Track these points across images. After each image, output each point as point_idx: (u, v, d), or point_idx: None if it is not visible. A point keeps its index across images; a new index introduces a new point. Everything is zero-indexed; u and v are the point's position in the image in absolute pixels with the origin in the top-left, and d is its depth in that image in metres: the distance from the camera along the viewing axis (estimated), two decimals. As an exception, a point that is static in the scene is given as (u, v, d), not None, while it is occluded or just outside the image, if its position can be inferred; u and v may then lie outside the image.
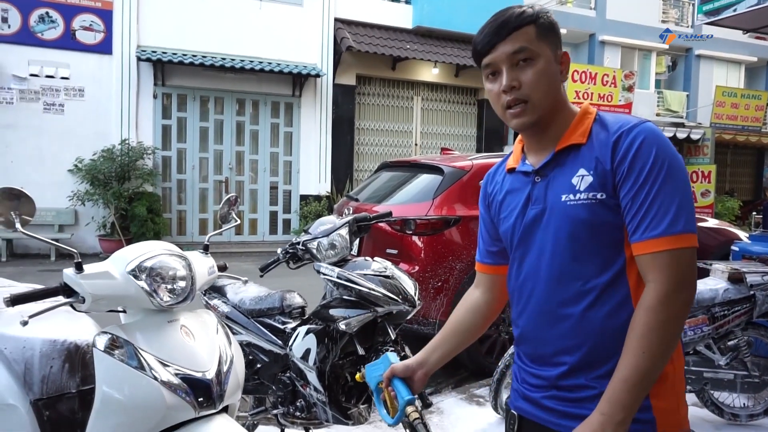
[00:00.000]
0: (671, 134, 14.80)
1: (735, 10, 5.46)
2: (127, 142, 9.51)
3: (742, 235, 5.16)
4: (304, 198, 11.14)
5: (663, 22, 16.11)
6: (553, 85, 1.16)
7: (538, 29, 1.15)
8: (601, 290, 1.12)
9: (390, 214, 2.68)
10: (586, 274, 1.13)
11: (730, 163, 17.92)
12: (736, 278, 3.05)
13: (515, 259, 1.26)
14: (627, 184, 1.07)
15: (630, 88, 14.52)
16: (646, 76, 16.54)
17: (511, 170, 1.29)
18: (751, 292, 2.99)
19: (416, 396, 1.31)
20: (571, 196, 1.13)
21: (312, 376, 2.32)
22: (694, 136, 13.92)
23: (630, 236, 1.08)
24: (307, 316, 2.49)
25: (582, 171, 1.13)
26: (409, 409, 1.24)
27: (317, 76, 10.79)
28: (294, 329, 2.44)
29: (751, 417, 3.21)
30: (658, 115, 16.12)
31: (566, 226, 1.14)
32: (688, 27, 16.43)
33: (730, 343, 3.04)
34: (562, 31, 14.47)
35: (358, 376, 1.55)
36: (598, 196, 1.10)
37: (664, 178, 1.05)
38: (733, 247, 4.36)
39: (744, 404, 3.26)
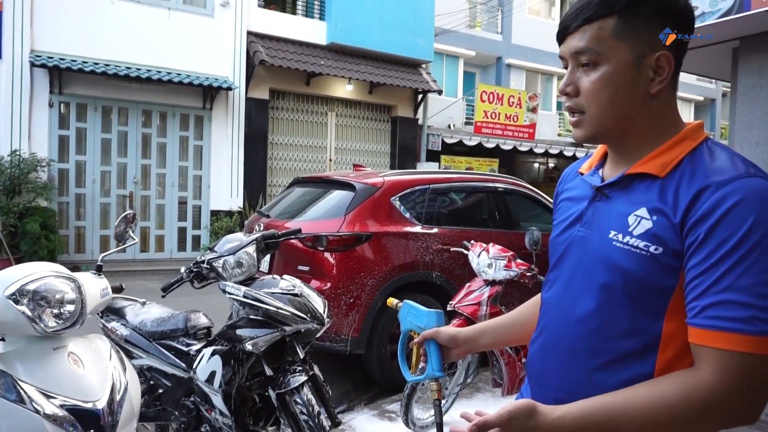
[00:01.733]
0: (571, 154, 15.79)
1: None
2: (17, 153, 8.82)
3: None
4: (215, 213, 10.79)
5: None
6: (622, 97, 0.92)
7: (622, 23, 0.89)
8: (619, 357, 0.91)
9: (299, 231, 2.66)
10: (607, 332, 0.92)
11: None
12: None
13: (548, 280, 1.07)
14: (699, 254, 0.82)
15: (534, 110, 15.39)
16: (548, 98, 17.59)
17: (582, 174, 1.08)
18: None
19: (445, 374, 1.19)
20: (620, 236, 0.91)
21: (217, 400, 2.24)
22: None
23: (690, 316, 0.84)
24: (212, 337, 2.41)
25: (643, 211, 0.90)
26: (434, 386, 1.17)
27: (229, 89, 10.56)
28: (199, 351, 2.35)
29: None
30: (559, 135, 17.14)
31: (602, 269, 0.93)
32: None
33: None
34: (470, 53, 15.09)
35: (390, 301, 1.40)
36: (652, 249, 0.87)
37: (758, 258, 0.79)
38: None
39: None
